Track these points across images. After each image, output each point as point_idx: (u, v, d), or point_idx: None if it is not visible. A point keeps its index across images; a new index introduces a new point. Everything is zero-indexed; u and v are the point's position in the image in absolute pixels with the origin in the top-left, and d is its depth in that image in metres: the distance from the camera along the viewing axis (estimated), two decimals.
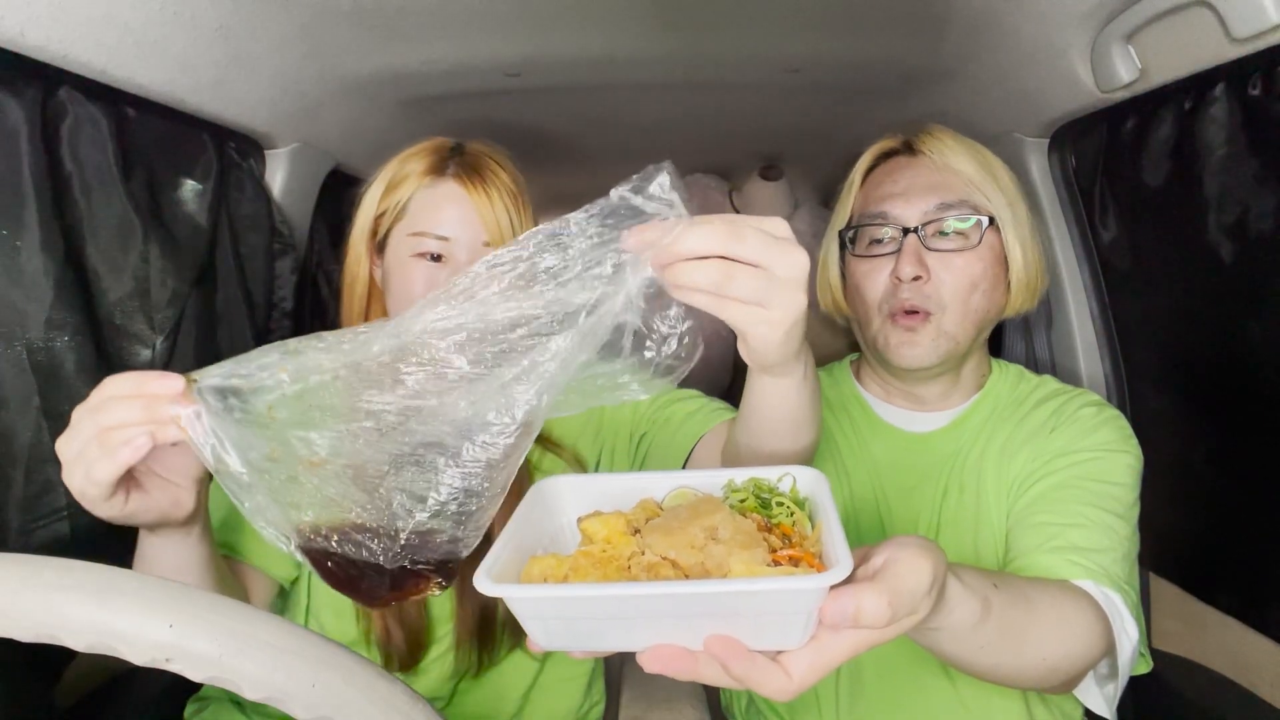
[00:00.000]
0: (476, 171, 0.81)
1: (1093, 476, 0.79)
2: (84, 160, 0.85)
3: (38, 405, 0.81)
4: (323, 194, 1.36)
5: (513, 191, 0.82)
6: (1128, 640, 0.69)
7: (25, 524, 0.81)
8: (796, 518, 0.48)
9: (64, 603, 0.37)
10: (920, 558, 0.43)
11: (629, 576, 0.43)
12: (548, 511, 0.52)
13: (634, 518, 0.48)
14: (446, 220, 0.79)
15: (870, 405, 0.95)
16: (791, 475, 0.51)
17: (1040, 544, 0.75)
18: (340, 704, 0.39)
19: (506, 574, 0.43)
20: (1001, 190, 0.85)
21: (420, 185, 0.82)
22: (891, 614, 0.40)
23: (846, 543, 0.41)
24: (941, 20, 1.08)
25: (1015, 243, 0.85)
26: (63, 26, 0.74)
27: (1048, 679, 0.62)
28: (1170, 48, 0.89)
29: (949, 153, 0.86)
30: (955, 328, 0.84)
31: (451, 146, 0.86)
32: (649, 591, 0.39)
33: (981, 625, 0.51)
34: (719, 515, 0.45)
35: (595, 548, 0.45)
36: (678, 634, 0.41)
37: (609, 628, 0.42)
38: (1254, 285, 0.87)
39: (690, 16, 1.10)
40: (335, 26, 1.05)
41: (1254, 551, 0.92)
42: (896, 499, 0.89)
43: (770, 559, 0.42)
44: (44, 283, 0.80)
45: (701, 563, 0.42)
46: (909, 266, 0.82)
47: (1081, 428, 0.83)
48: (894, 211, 0.85)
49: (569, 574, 0.43)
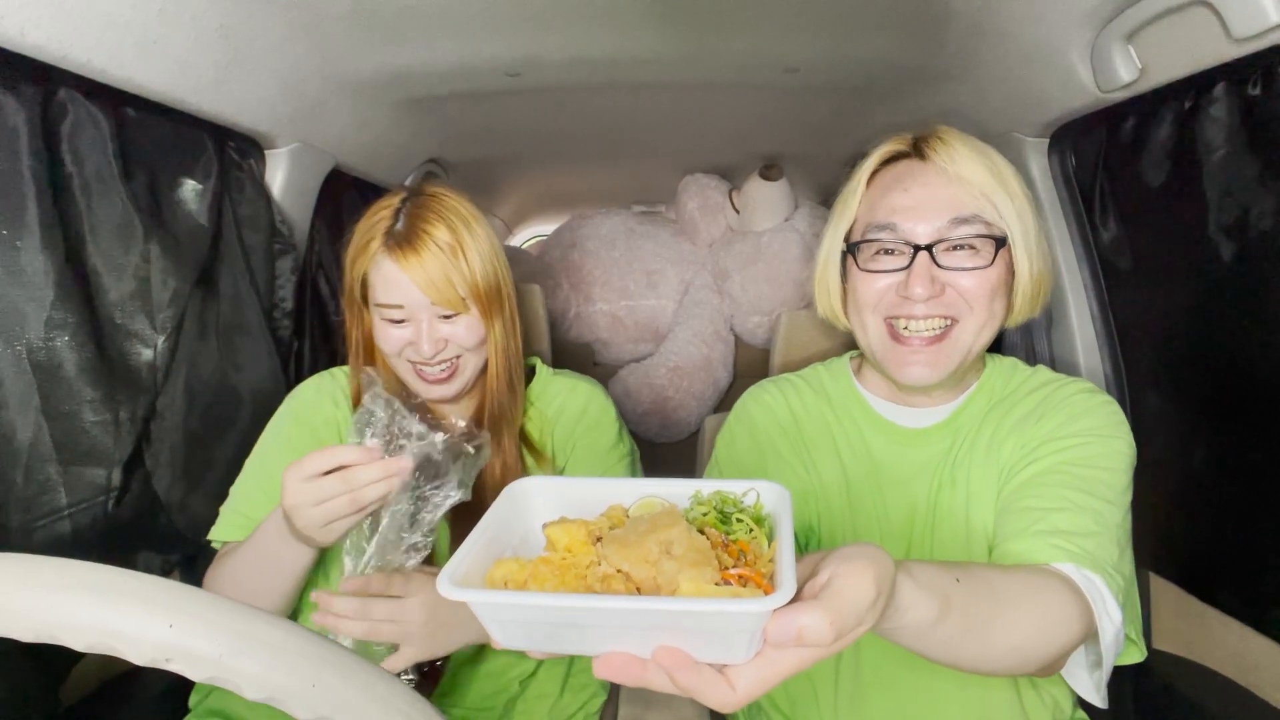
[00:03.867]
0: (408, 242, 0.87)
1: (1080, 462, 0.78)
2: (84, 160, 0.85)
3: (38, 405, 0.81)
4: (323, 194, 1.36)
5: (449, 243, 0.88)
6: (1110, 624, 0.68)
7: (25, 523, 0.81)
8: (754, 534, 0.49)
9: (64, 603, 0.37)
10: (863, 571, 0.44)
11: (585, 585, 0.45)
12: (518, 512, 0.54)
13: (597, 526, 0.50)
14: (394, 293, 0.88)
15: (868, 401, 0.95)
16: (756, 491, 0.53)
17: (1024, 528, 0.75)
18: (340, 704, 0.39)
19: (473, 572, 0.46)
20: (1012, 198, 0.82)
21: (370, 263, 0.90)
22: (834, 633, 0.41)
23: (794, 566, 0.43)
24: (941, 20, 1.08)
25: (1024, 256, 0.82)
26: (63, 26, 0.74)
27: (1023, 666, 0.63)
28: (1170, 48, 0.89)
29: (961, 161, 0.81)
30: (972, 338, 0.83)
31: (396, 208, 0.90)
32: (596, 605, 0.41)
33: (941, 622, 0.53)
34: (675, 530, 0.46)
35: (556, 555, 0.47)
36: (629, 643, 0.43)
37: (564, 633, 0.44)
38: (1254, 284, 0.87)
39: (690, 17, 1.10)
40: (335, 26, 1.06)
41: (1254, 551, 0.92)
42: (892, 491, 0.89)
43: (720, 577, 0.44)
44: (44, 282, 0.80)
45: (654, 577, 0.44)
46: (920, 287, 0.80)
47: (1070, 413, 0.83)
48: (904, 225, 0.82)
49: (529, 579, 0.45)
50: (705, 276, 2.38)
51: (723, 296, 2.34)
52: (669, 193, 2.52)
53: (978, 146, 0.84)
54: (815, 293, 0.96)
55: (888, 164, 0.88)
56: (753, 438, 0.96)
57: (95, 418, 0.87)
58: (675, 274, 2.39)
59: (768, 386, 1.01)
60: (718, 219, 2.37)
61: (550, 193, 2.75)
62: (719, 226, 2.37)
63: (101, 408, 0.88)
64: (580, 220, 2.51)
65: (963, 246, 0.81)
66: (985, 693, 0.84)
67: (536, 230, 3.37)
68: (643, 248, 2.40)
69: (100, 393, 0.87)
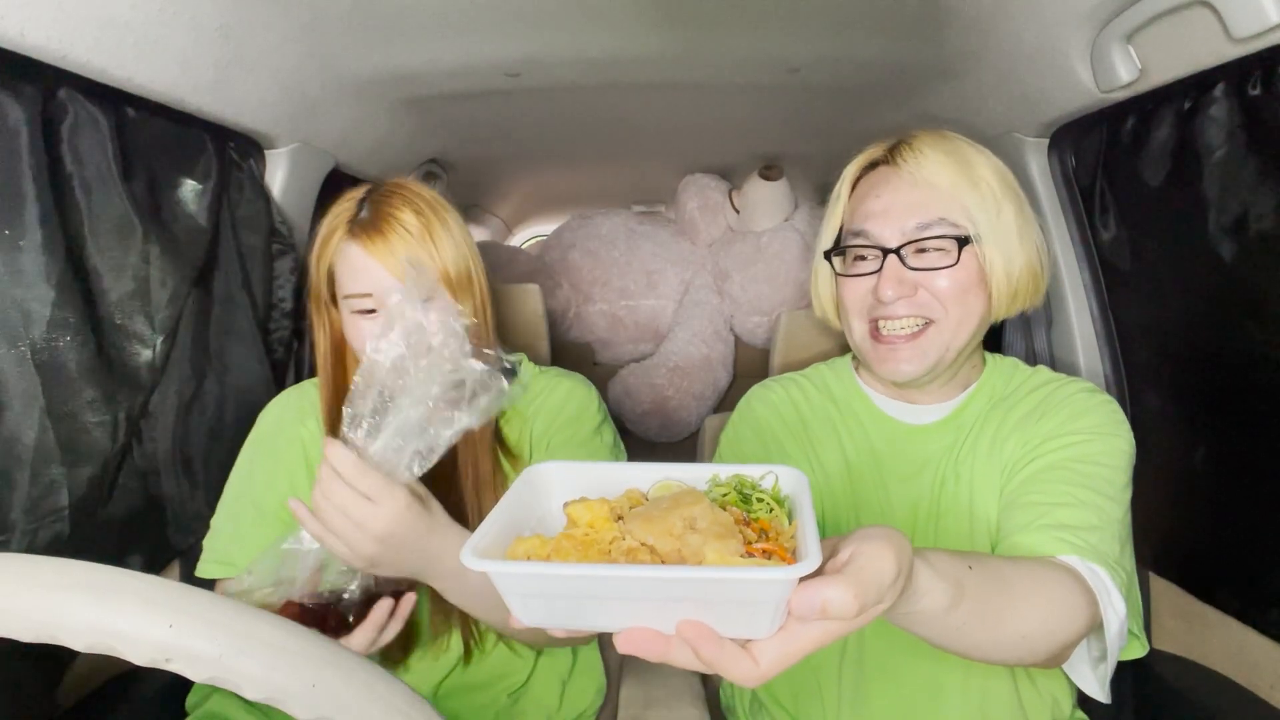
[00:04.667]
0: (374, 226, 0.84)
1: (1082, 459, 0.80)
2: (84, 160, 0.85)
3: (42, 406, 0.81)
4: (323, 194, 1.36)
5: (416, 227, 0.85)
6: (1114, 615, 0.70)
7: (28, 524, 0.81)
8: (775, 514, 0.49)
9: (64, 603, 0.37)
10: (884, 549, 0.45)
11: (609, 559, 0.44)
12: (535, 496, 0.54)
13: (618, 505, 0.49)
14: (362, 279, 0.84)
15: (871, 398, 0.96)
16: (774, 474, 0.53)
17: (1029, 522, 0.76)
18: (340, 704, 0.39)
19: (492, 552, 0.45)
20: (982, 198, 0.83)
21: (337, 251, 0.87)
22: (858, 605, 0.41)
23: (818, 539, 0.43)
24: (941, 21, 1.08)
25: (996, 254, 0.84)
26: (63, 26, 0.74)
27: (1031, 655, 0.64)
28: (1170, 48, 0.89)
29: (927, 165, 0.84)
30: (951, 335, 0.85)
31: (360, 199, 0.88)
32: (622, 574, 0.41)
33: (955, 608, 0.53)
34: (699, 507, 0.46)
35: (578, 531, 0.46)
36: (652, 617, 0.43)
37: (586, 607, 0.44)
38: (1254, 285, 0.87)
39: (690, 17, 1.11)
40: (335, 26, 1.06)
41: (1254, 551, 0.92)
42: (896, 487, 0.90)
43: (744, 551, 0.44)
44: (45, 283, 0.80)
45: (678, 550, 0.44)
46: (889, 289, 0.83)
47: (1071, 411, 0.84)
48: (874, 230, 0.86)
49: (551, 554, 0.44)
50: (705, 276, 2.39)
51: (723, 296, 2.34)
52: (669, 193, 2.53)
53: (949, 149, 0.85)
54: (812, 296, 1.00)
55: (866, 171, 0.92)
56: (757, 435, 0.97)
57: (95, 418, 0.87)
58: (675, 274, 2.39)
59: (772, 385, 1.03)
60: (718, 219, 2.37)
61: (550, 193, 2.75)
62: (719, 226, 2.38)
63: (101, 408, 0.88)
64: (580, 220, 2.51)
65: (929, 249, 0.84)
66: (986, 683, 0.85)
67: (536, 230, 3.37)
68: (642, 248, 2.40)
69: (100, 393, 0.87)
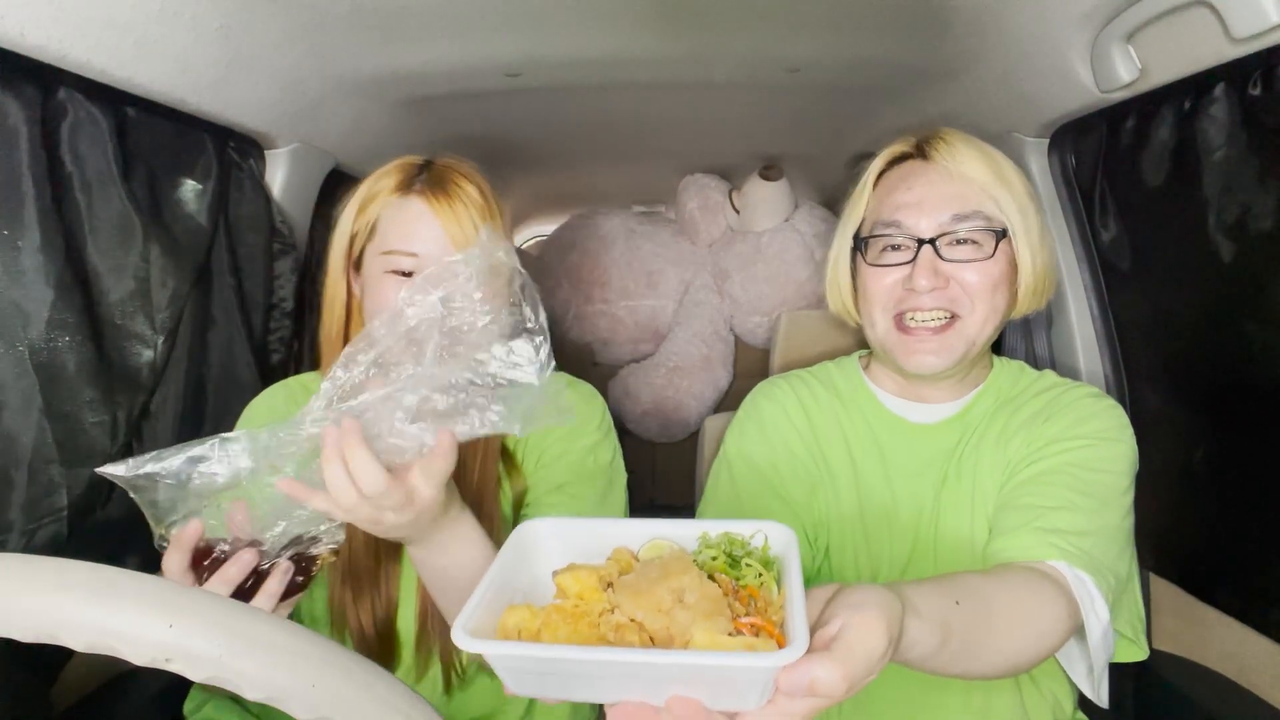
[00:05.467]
0: (441, 187, 0.81)
1: (1083, 464, 0.80)
2: (84, 160, 0.85)
3: (40, 406, 0.81)
4: (323, 194, 1.36)
5: (479, 204, 0.82)
6: (1097, 621, 0.71)
7: (27, 524, 0.81)
8: (764, 579, 0.49)
9: (64, 603, 0.37)
10: (876, 622, 0.45)
11: (599, 633, 0.45)
12: (524, 558, 0.54)
13: (607, 572, 0.50)
14: (415, 237, 0.80)
15: (878, 397, 0.96)
16: (764, 533, 0.53)
17: (1022, 524, 0.77)
18: (340, 704, 0.39)
19: (485, 620, 0.46)
20: (1014, 196, 0.85)
21: (389, 204, 0.82)
22: (846, 685, 0.42)
23: (805, 619, 0.43)
24: (941, 21, 1.08)
25: (1026, 250, 0.85)
26: (63, 26, 0.74)
27: (1014, 671, 0.66)
28: (1170, 48, 0.89)
29: (962, 160, 0.85)
30: (977, 330, 0.85)
31: (420, 164, 0.86)
32: (611, 658, 0.42)
33: (942, 650, 0.54)
34: (687, 577, 0.47)
35: (568, 603, 0.47)
36: (642, 691, 0.44)
37: (577, 683, 0.45)
38: (1254, 285, 0.87)
39: (691, 17, 1.10)
40: (335, 26, 1.05)
41: (1254, 551, 0.92)
42: (901, 484, 0.91)
43: (733, 627, 0.44)
44: (45, 283, 0.80)
45: (667, 627, 0.44)
46: (924, 279, 0.83)
47: (1076, 416, 0.85)
48: (908, 222, 0.85)
49: (541, 628, 0.45)
50: (705, 277, 2.38)
51: (723, 297, 2.34)
52: (669, 193, 2.52)
53: (979, 146, 0.87)
54: (827, 290, 0.99)
55: (893, 165, 0.92)
56: (763, 433, 0.97)
57: (95, 418, 0.87)
58: (675, 274, 2.39)
59: (779, 383, 1.03)
60: (718, 219, 2.36)
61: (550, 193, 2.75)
62: (719, 227, 2.37)
63: (101, 408, 0.88)
64: (580, 220, 2.51)
65: (965, 241, 0.84)
66: (988, 685, 0.86)
67: (536, 230, 3.37)
68: (642, 248, 2.40)
69: (100, 393, 0.87)
